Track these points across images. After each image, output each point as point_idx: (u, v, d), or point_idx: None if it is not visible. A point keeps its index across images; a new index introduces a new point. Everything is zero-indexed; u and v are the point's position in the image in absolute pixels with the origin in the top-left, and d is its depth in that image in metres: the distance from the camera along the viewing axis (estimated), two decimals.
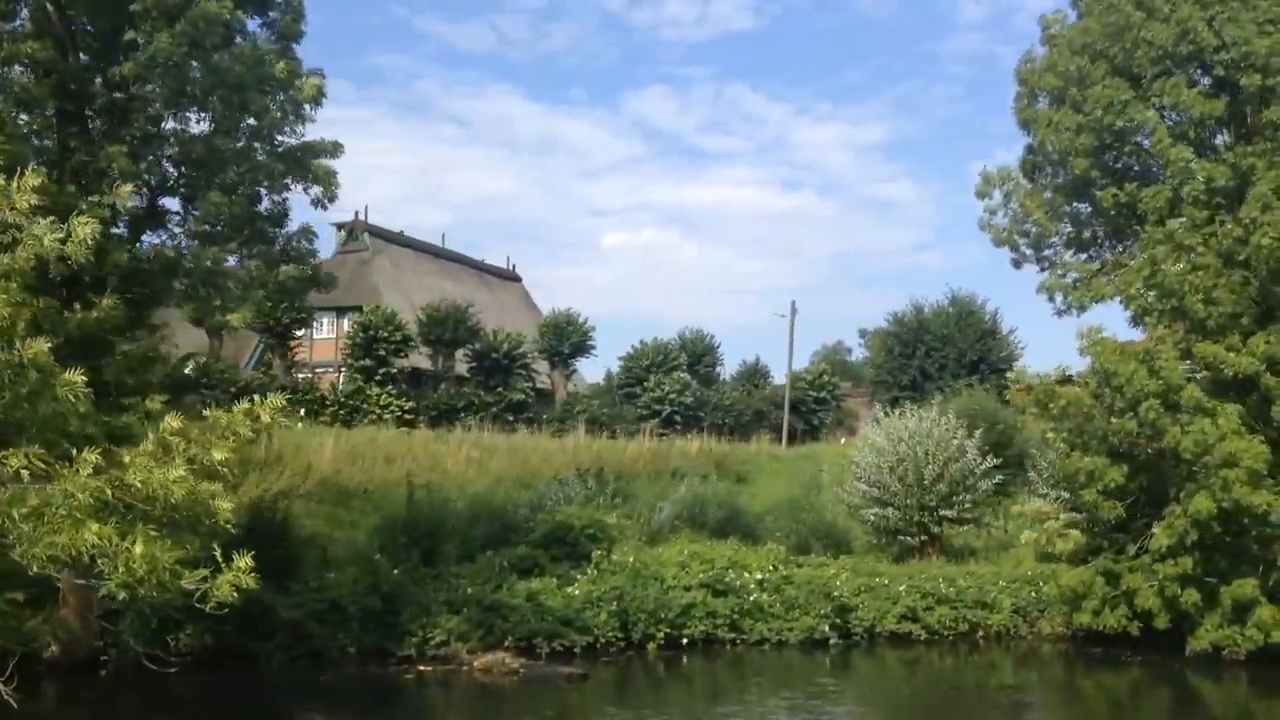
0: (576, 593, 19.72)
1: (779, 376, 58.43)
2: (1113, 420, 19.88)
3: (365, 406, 41.61)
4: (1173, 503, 19.29)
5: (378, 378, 42.42)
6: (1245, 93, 20.64)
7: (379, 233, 52.52)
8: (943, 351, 55.96)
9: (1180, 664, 19.91)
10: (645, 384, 53.86)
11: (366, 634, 18.05)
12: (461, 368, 46.95)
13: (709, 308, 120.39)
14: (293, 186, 17.20)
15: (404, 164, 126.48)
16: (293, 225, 18.25)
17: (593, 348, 51.31)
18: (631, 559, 20.54)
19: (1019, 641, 22.71)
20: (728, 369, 61.36)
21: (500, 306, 58.34)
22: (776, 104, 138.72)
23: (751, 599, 21.08)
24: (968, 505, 26.89)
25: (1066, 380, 21.89)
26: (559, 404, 48.85)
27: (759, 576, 21.73)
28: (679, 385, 53.25)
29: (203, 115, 16.50)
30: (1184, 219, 20.34)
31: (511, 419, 45.05)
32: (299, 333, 49.66)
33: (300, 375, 44.08)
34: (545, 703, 16.16)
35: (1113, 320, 76.13)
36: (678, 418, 51.81)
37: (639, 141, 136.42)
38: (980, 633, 22.75)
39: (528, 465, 32.93)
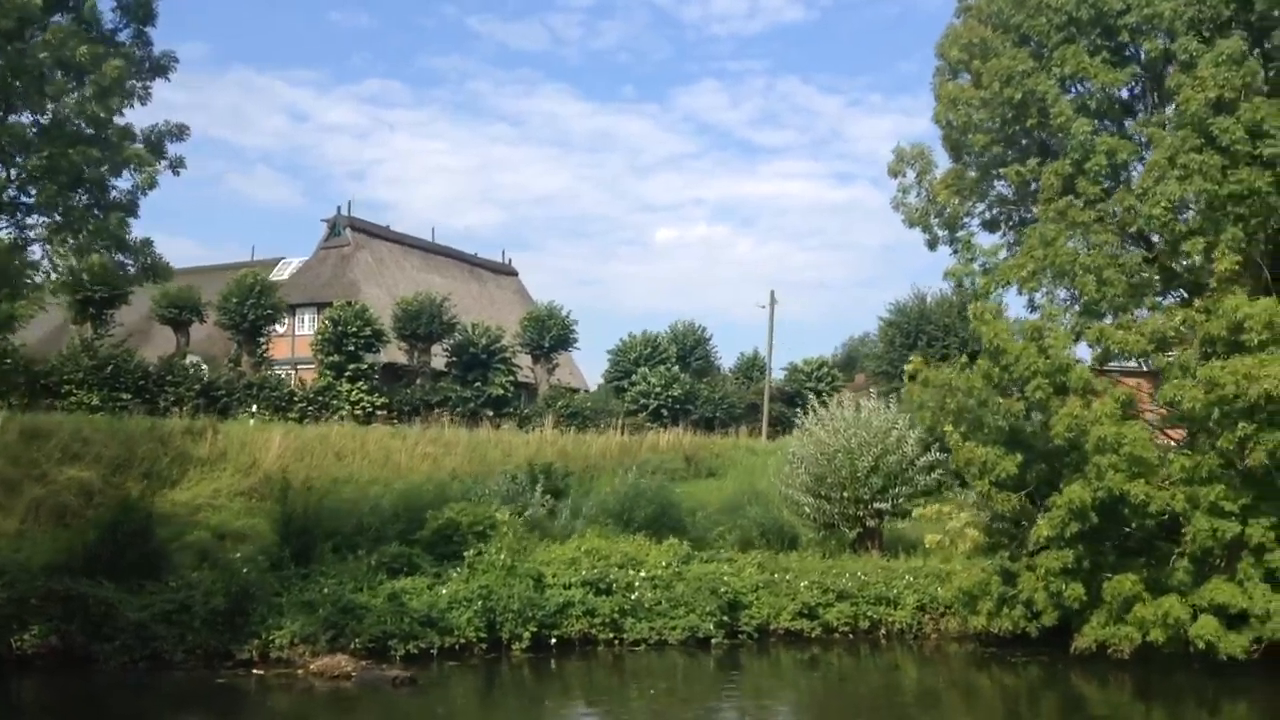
0: (444, 592, 19.14)
1: (777, 370, 57.50)
2: (1000, 400, 18.84)
3: (335, 403, 41.36)
4: (1057, 492, 18.18)
5: (348, 373, 42.13)
6: (1148, 59, 19.45)
7: (362, 227, 52.29)
8: (944, 341, 54.52)
9: (1066, 664, 18.80)
10: (632, 378, 53.22)
11: (212, 636, 17.60)
12: (440, 362, 46.54)
13: (762, 301, 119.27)
14: (110, 172, 16.70)
15: (458, 164, 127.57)
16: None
17: (575, 341, 50.63)
18: (504, 557, 19.86)
19: (923, 640, 21.72)
20: (728, 361, 60.59)
21: (492, 300, 57.98)
22: (829, 96, 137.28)
23: (633, 597, 20.35)
24: (903, 499, 25.88)
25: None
26: (541, 398, 48.29)
27: (649, 574, 21.01)
28: (667, 379, 52.50)
29: None
30: (1081, 195, 19.18)
31: (491, 414, 44.65)
32: (279, 328, 49.93)
33: (276, 372, 43.89)
34: (362, 709, 15.58)
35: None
36: (665, 411, 51.09)
37: (690, 137, 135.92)
38: (882, 630, 21.81)
39: (486, 460, 32.50)
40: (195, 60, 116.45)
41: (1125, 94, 21.05)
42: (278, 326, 49.96)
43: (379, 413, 42.14)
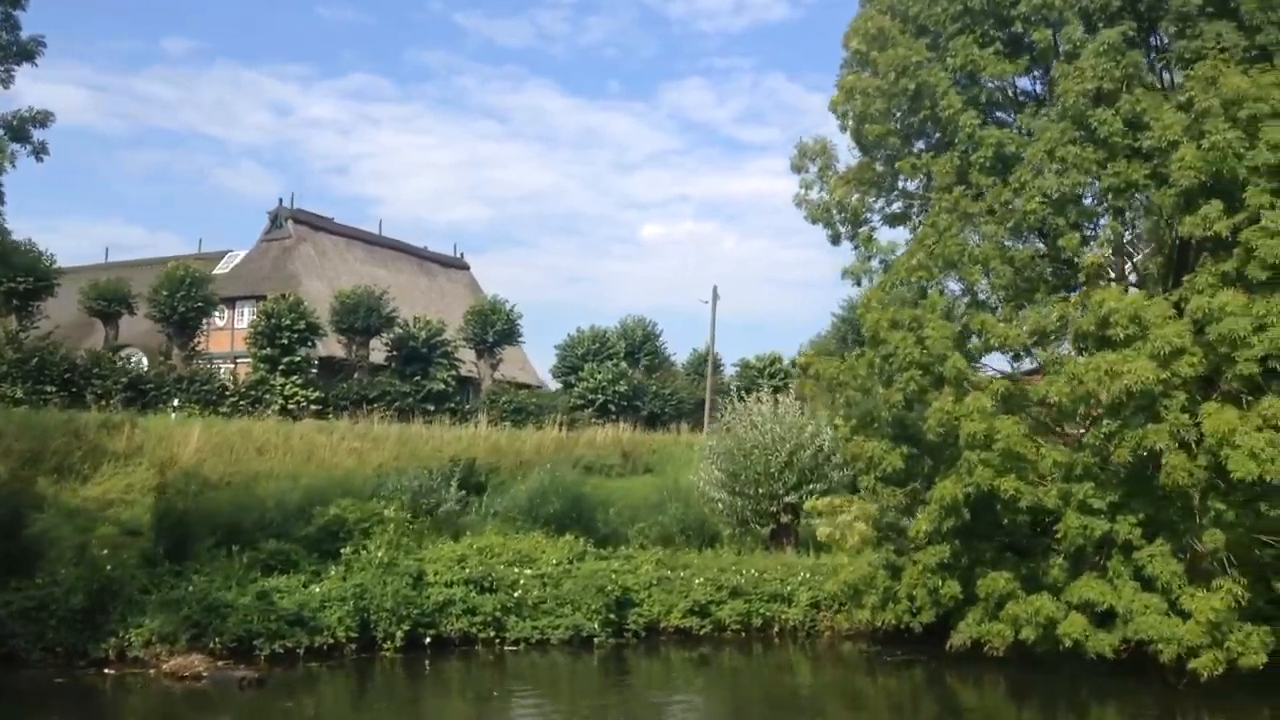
0: (316, 591, 18.75)
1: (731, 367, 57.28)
2: (880, 390, 18.56)
3: (268, 397, 40.83)
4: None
5: (282, 367, 41.57)
6: (1038, 50, 19.12)
7: (304, 219, 51.72)
8: None
9: (945, 663, 18.52)
10: (580, 373, 52.85)
11: (71, 634, 17.17)
12: (382, 356, 46.04)
13: (752, 298, 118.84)
14: None
15: (444, 160, 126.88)
16: None
17: (519, 335, 50.19)
18: (381, 554, 19.45)
19: (817, 638, 21.43)
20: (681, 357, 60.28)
21: (442, 294, 57.48)
22: (814, 94, 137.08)
23: (516, 595, 19.99)
24: (816, 495, 25.56)
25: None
26: (485, 393, 47.86)
27: (538, 571, 20.66)
28: (614, 374, 52.16)
29: None
30: (971, 187, 18.87)
31: (431, 409, 44.15)
32: (219, 321, 49.39)
33: (208, 365, 43.32)
34: (199, 710, 15.19)
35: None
36: (612, 407, 50.74)
37: (676, 134, 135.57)
38: (776, 628, 21.50)
39: (417, 456, 32.04)
40: (181, 56, 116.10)
41: (1027, 85, 20.78)
42: (218, 319, 49.53)
43: (313, 407, 41.64)
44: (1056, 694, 17.06)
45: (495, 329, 48.69)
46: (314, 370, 43.46)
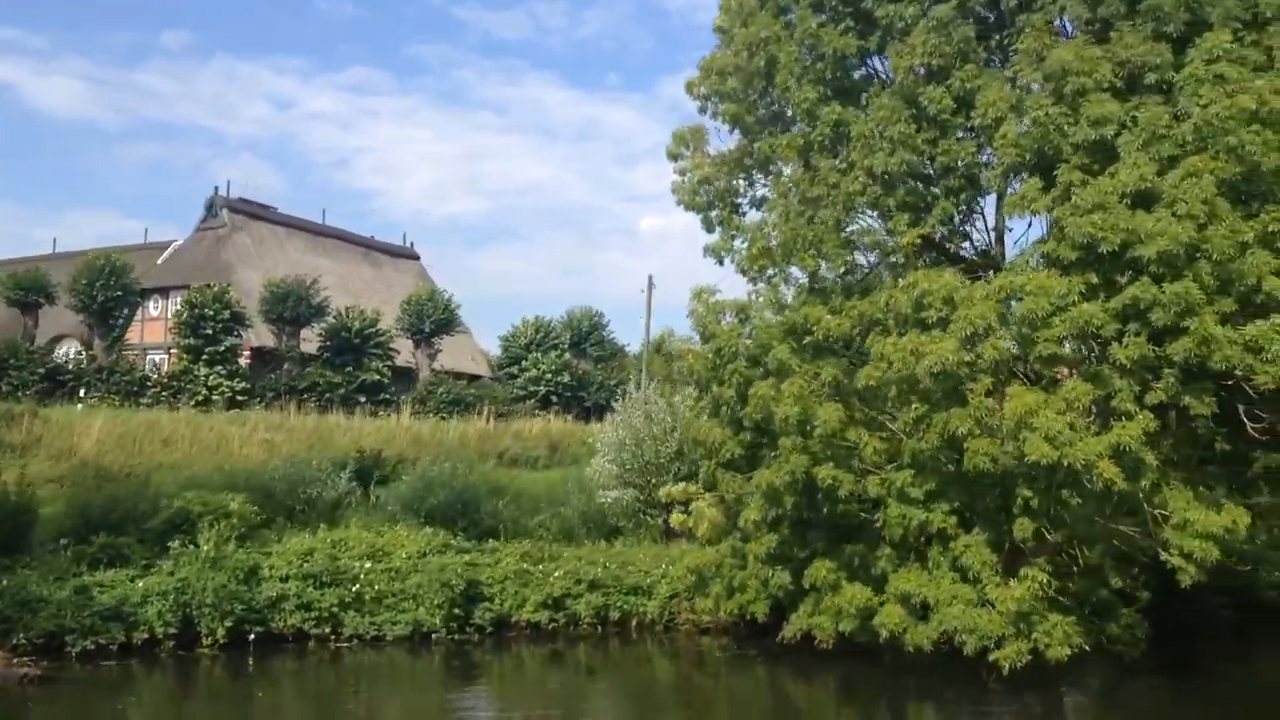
0: (140, 585, 18.24)
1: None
2: (715, 388, 18.04)
3: (192, 387, 40.34)
4: None
5: (205, 357, 41.06)
6: (881, 26, 18.52)
7: (241, 209, 51.14)
8: None
9: (781, 657, 17.97)
10: (523, 363, 52.35)
11: None
12: (315, 346, 45.48)
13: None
14: None
15: (443, 152, 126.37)
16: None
17: (458, 325, 49.58)
18: (208, 548, 18.91)
19: (674, 631, 20.89)
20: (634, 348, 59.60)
21: (389, 284, 56.86)
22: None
23: (354, 590, 19.48)
24: (670, 483, 24.93)
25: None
26: (422, 384, 47.28)
27: (386, 565, 20.14)
28: (558, 365, 51.64)
29: None
30: (811, 168, 18.31)
31: (363, 400, 43.63)
32: (154, 311, 48.95)
33: (129, 355, 42.85)
34: None
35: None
36: (555, 398, 50.23)
37: (676, 125, 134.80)
38: (634, 622, 20.97)
39: (332, 447, 31.48)
40: (179, 50, 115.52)
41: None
42: (153, 309, 49.10)
43: (239, 398, 41.13)
44: (880, 689, 16.55)
45: (432, 319, 48.09)
46: (241, 361, 43.02)
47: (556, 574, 21.00)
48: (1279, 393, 13.64)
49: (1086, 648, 14.80)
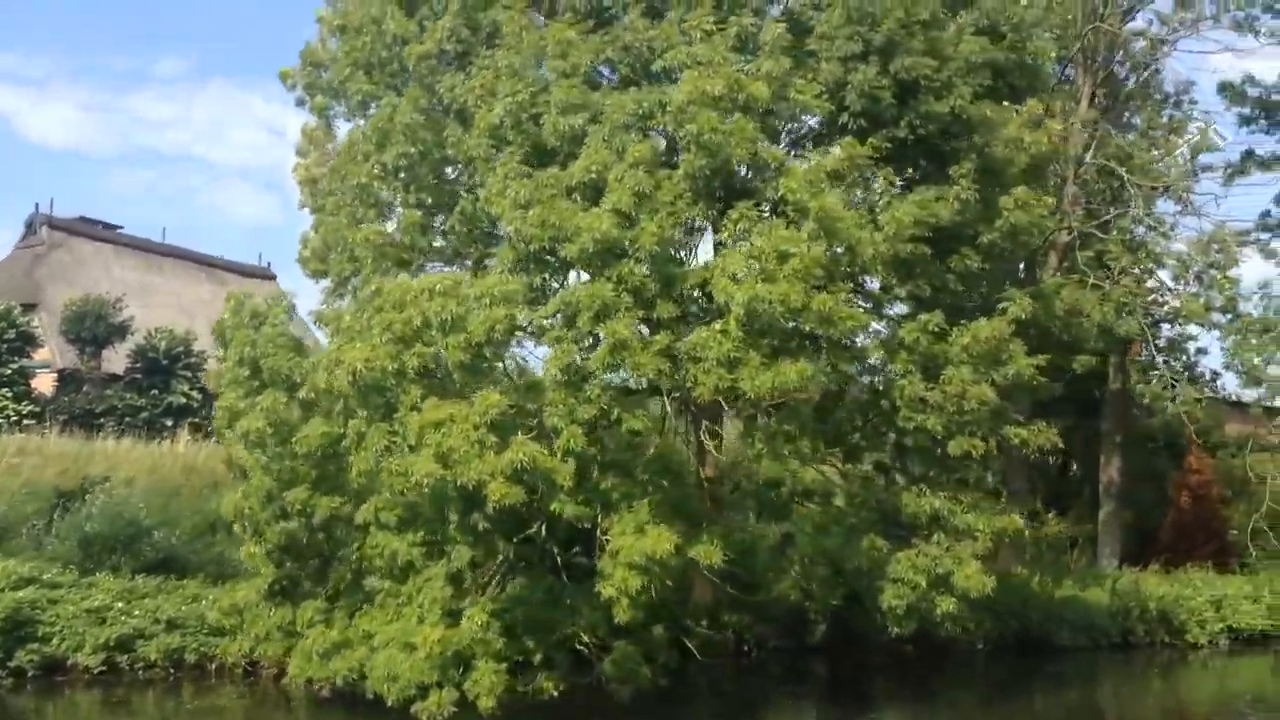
0: None
1: None
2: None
3: None
4: None
5: None
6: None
7: (63, 226, 49.47)
8: None
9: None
10: None
11: None
12: (123, 368, 43.64)
13: None
14: None
15: None
16: None
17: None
18: None
19: (257, 676, 18.94)
20: None
21: None
22: None
23: None
24: None
25: None
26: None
27: None
28: None
29: None
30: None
31: (171, 424, 41.75)
32: None
33: None
34: None
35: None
36: None
37: None
38: (213, 665, 19.05)
39: (87, 475, 29.68)
40: (173, 76, 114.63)
41: None
42: None
43: (26, 422, 39.26)
44: None
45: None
46: (30, 383, 41.16)
47: (136, 612, 19.09)
48: (718, 404, 12.09)
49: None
